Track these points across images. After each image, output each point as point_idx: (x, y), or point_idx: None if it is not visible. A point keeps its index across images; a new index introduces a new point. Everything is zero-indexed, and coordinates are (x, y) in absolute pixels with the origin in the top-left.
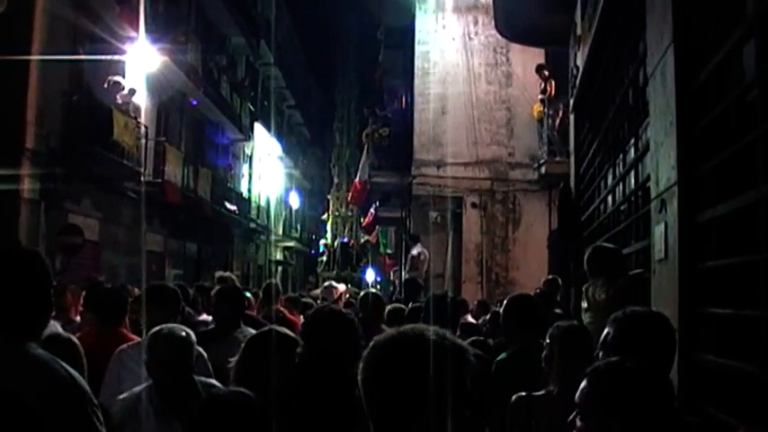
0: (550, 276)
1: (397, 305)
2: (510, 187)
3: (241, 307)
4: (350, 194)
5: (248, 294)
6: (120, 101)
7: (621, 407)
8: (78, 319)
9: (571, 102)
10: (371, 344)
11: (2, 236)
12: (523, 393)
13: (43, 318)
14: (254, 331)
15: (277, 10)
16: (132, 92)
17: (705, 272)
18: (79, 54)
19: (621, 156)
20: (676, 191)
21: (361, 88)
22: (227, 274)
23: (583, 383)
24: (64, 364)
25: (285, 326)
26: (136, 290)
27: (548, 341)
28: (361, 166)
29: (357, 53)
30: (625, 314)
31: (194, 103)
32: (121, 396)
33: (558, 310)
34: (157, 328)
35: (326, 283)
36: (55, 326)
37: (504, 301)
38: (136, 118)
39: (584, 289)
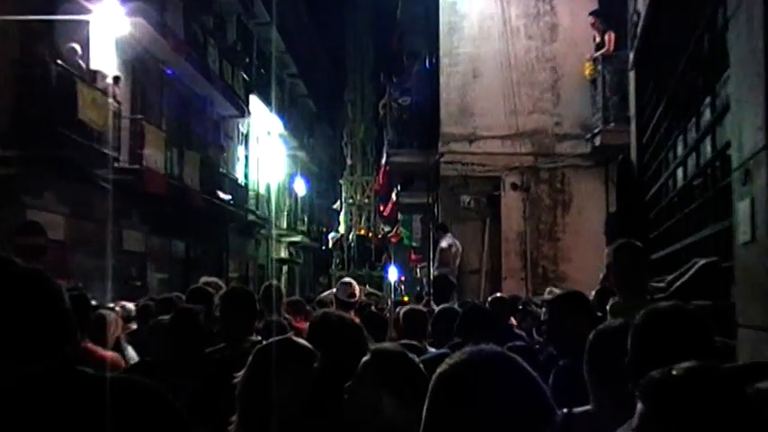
0: None
1: (415, 307)
2: (557, 163)
3: (254, 314)
4: (377, 182)
5: None
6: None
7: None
8: None
9: (631, 56)
10: (444, 367)
11: None
12: (565, 410)
13: None
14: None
15: None
16: (116, 79)
17: None
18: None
19: (695, 119)
20: (765, 157)
21: (377, 50)
22: (214, 279)
23: (638, 405)
24: None
25: None
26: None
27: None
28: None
29: (371, 9)
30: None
31: (170, 72)
32: None
33: None
34: None
35: (343, 280)
36: None
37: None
38: (106, 92)
39: (609, 309)
